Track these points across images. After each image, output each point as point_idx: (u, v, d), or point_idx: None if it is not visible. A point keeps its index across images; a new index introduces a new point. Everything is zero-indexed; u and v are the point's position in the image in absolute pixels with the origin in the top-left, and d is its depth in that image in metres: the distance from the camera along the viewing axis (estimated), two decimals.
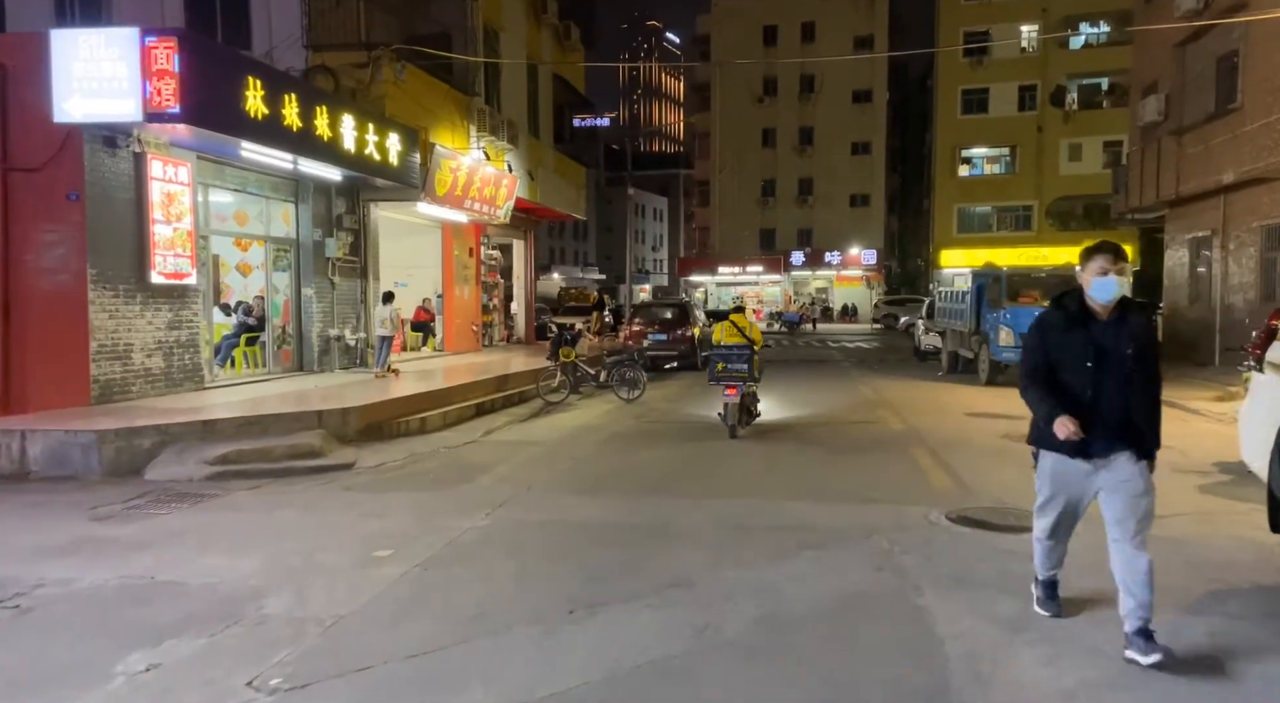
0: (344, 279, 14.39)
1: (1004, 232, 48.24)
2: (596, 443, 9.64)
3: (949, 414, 11.82)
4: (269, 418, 8.61)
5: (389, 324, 13.53)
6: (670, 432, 10.71)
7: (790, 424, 11.09)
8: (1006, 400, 13.32)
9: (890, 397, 14.02)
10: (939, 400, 13.51)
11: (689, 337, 19.90)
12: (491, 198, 17.82)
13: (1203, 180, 17.16)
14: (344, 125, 11.96)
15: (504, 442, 9.81)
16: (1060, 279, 15.87)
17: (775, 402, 13.42)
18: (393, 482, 7.55)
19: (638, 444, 9.65)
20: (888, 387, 15.71)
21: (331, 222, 13.99)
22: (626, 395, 13.36)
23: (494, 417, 11.82)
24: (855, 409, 12.48)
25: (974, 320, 16.47)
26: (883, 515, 6.12)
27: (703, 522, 6.02)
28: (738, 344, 10.15)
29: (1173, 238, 20.07)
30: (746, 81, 54.07)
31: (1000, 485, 7.10)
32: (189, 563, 5.14)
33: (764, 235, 55.44)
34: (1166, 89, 18.40)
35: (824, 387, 15.89)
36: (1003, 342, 15.17)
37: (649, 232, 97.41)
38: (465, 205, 16.65)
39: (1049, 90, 46.15)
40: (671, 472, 7.98)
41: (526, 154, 20.19)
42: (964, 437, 9.77)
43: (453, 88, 16.05)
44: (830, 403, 13.34)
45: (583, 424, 11.19)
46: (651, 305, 22.27)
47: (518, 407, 12.96)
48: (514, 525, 5.98)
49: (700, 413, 12.40)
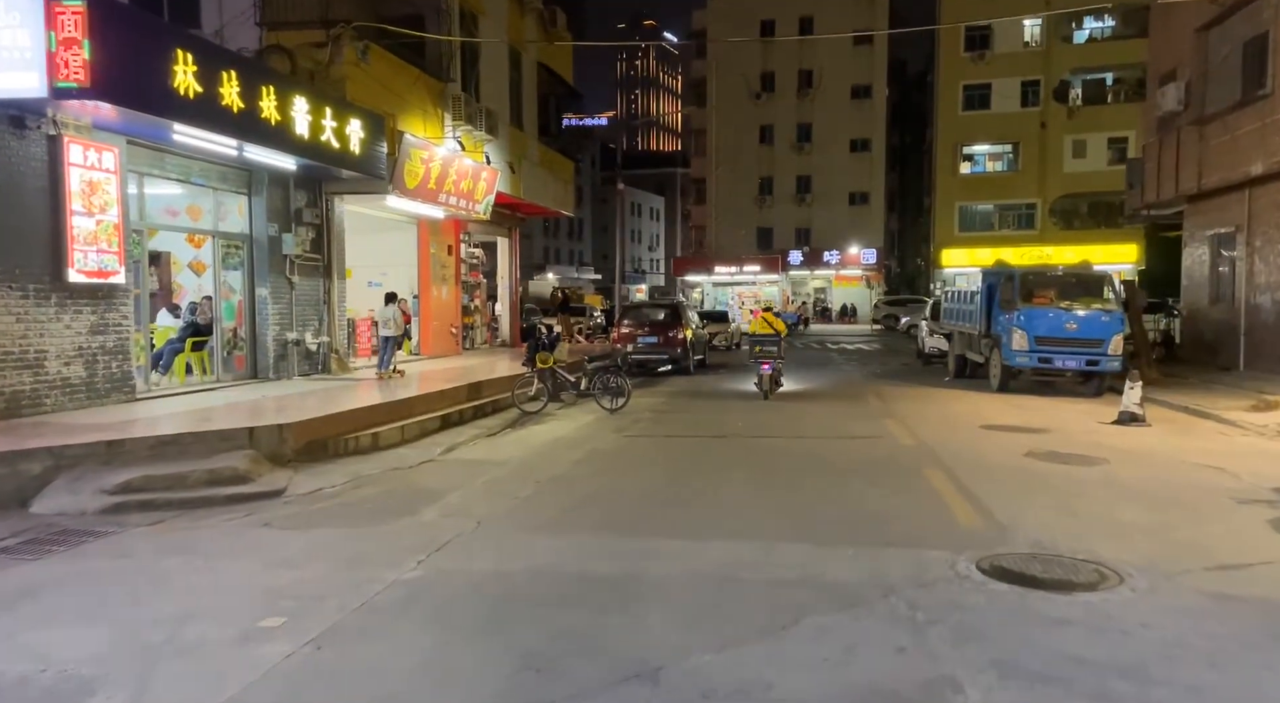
0: (304, 278, 13.28)
1: (1006, 230, 47.19)
2: (570, 462, 8.54)
3: (962, 427, 10.74)
4: (189, 437, 7.49)
5: (393, 325, 13.30)
6: (655, 447, 9.62)
7: (790, 437, 10.00)
8: (1023, 410, 12.25)
9: (897, 406, 12.94)
10: (949, 411, 12.43)
11: (681, 339, 18.80)
12: (469, 192, 16.71)
13: (1227, 173, 16.09)
14: (295, 108, 10.84)
15: (465, 461, 8.71)
16: (1078, 277, 14.81)
17: (773, 410, 12.35)
18: (322, 514, 6.44)
19: (617, 463, 8.56)
20: (893, 394, 14.62)
21: (290, 216, 12.87)
22: (610, 405, 12.26)
23: (461, 430, 10.72)
24: (861, 420, 11.39)
25: (984, 322, 15.39)
26: (900, 563, 5.03)
27: (683, 572, 4.93)
28: (769, 334, 14.24)
29: (1192, 235, 19.00)
30: (744, 77, 52.98)
31: (1036, 521, 6.01)
32: (20, 638, 4.04)
33: (761, 234, 54.36)
34: (1187, 76, 17.33)
35: (826, 394, 14.80)
36: (1016, 345, 14.09)
37: (646, 231, 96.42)
38: (440, 199, 15.54)
39: (1052, 85, 45.14)
40: (652, 499, 6.88)
41: (508, 146, 19.09)
42: (983, 455, 8.69)
43: (425, 73, 14.94)
44: (835, 412, 12.25)
45: (558, 438, 10.09)
46: (642, 306, 21.18)
47: (491, 418, 11.86)
48: (447, 579, 4.88)
49: (691, 422, 11.32)
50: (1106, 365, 13.79)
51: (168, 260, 13.11)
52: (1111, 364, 13.79)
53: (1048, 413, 12.04)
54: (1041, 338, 13.96)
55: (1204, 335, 18.29)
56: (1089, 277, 14.74)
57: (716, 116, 54.33)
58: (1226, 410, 11.56)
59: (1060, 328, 13.89)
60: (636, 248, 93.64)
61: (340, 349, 14.16)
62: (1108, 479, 7.55)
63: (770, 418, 11.69)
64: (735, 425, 11.04)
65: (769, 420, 11.46)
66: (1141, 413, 10.86)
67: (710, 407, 13.15)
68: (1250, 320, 16.36)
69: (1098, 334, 13.78)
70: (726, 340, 28.87)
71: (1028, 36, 46.01)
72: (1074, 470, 7.93)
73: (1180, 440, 9.77)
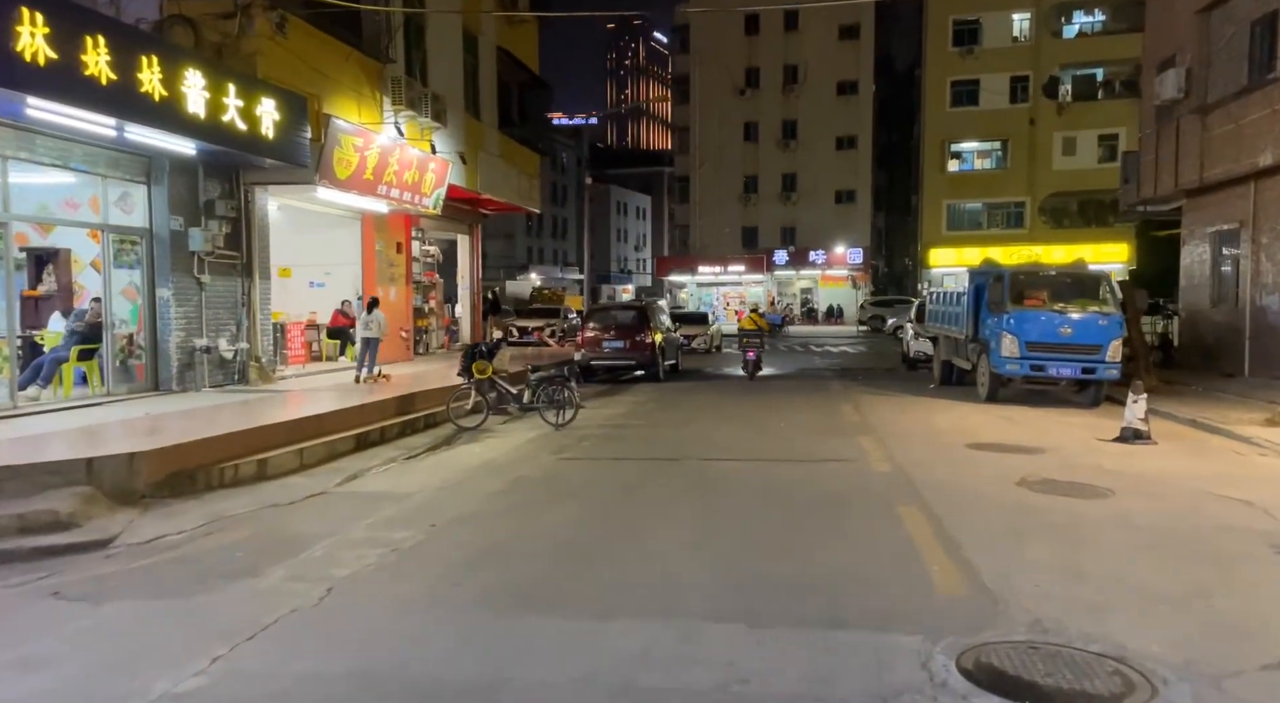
0: (218, 278, 11.93)
1: (995, 229, 46.20)
2: (485, 496, 7.25)
3: (946, 445, 9.50)
4: (5, 472, 6.15)
5: (375, 327, 13.16)
6: (594, 474, 8.34)
7: (750, 460, 8.73)
8: (1014, 425, 11.03)
9: (875, 419, 11.70)
10: (933, 424, 11.19)
11: (650, 344, 17.54)
12: (415, 184, 15.39)
13: (1232, 165, 14.94)
14: (188, 83, 9.50)
15: (362, 494, 7.40)
16: (1073, 277, 13.62)
17: (739, 425, 11.07)
18: (137, 576, 5.12)
19: (540, 497, 7.27)
20: (872, 404, 13.38)
21: (199, 208, 11.52)
22: (556, 420, 10.98)
23: (378, 451, 9.41)
24: (833, 437, 10.14)
25: (972, 325, 14.17)
26: (856, 658, 3.76)
27: (566, 678, 3.65)
28: (754, 330, 18.32)
29: (1191, 232, 17.86)
30: (728, 72, 51.77)
31: (1033, 586, 4.75)
32: None
33: (746, 233, 53.18)
34: (1187, 62, 16.17)
35: (800, 404, 13.55)
36: (1006, 351, 12.88)
37: (632, 231, 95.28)
38: (379, 192, 14.20)
39: (1042, 81, 44.12)
40: (565, 551, 5.61)
41: (463, 136, 17.77)
42: (968, 485, 7.44)
43: (359, 51, 13.60)
44: (804, 427, 10.99)
45: (485, 462, 8.79)
46: (608, 308, 19.85)
47: (419, 435, 10.55)
48: (237, 692, 3.57)
49: (644, 440, 10.03)
50: (1104, 373, 12.60)
51: (67, 258, 11.74)
52: (1109, 372, 12.60)
53: (1041, 428, 10.83)
54: (1033, 343, 12.75)
55: (1204, 339, 17.16)
56: (1084, 277, 13.54)
57: (700, 113, 53.10)
58: (1239, 425, 10.38)
59: (1054, 332, 12.69)
60: (623, 248, 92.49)
61: (263, 357, 12.82)
62: (1117, 518, 6.32)
63: (733, 435, 10.44)
64: (693, 445, 9.77)
65: (731, 438, 10.20)
66: (1146, 429, 9.66)
67: (671, 420, 11.88)
68: (1256, 323, 15.22)
69: (1094, 339, 12.58)
70: (706, 343, 27.59)
71: (1017, 31, 44.99)
72: (1076, 505, 6.70)
73: (1193, 463, 8.57)
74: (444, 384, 12.08)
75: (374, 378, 12.97)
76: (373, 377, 12.98)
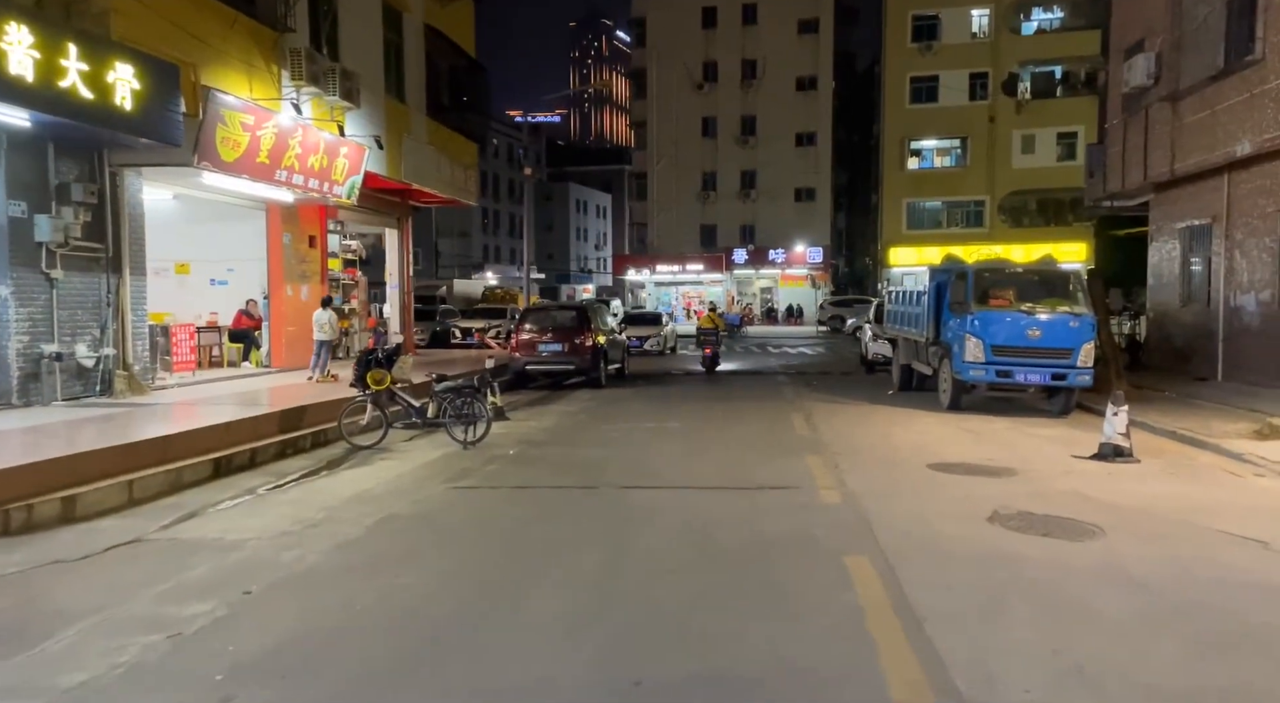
0: (74, 274, 10.30)
1: (955, 228, 45.66)
2: (337, 545, 5.81)
3: (905, 467, 8.28)
4: None
5: (328, 328, 13.43)
6: (484, 509, 6.95)
7: (679, 488, 7.42)
8: (979, 438, 9.88)
9: (828, 432, 10.48)
10: (890, 439, 10.00)
11: (590, 346, 16.19)
12: (324, 171, 13.83)
13: (1206, 155, 14.03)
14: (7, 38, 7.90)
15: (182, 542, 5.91)
16: (1041, 275, 12.55)
17: (676, 441, 9.73)
18: None
19: (408, 545, 5.87)
20: (826, 414, 12.17)
21: (48, 192, 9.90)
22: (464, 437, 9.56)
23: (240, 479, 7.91)
24: (778, 457, 8.86)
25: (933, 328, 13.07)
26: None
27: None
28: (712, 328, 19.51)
29: (1160, 228, 17.00)
30: (685, 67, 50.61)
31: (1022, 694, 3.48)
32: None
33: (705, 231, 52.10)
34: (1158, 46, 15.25)
35: (747, 414, 12.29)
36: (970, 356, 11.77)
37: (592, 229, 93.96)
38: (277, 178, 12.64)
39: (1001, 78, 43.65)
40: (411, 632, 4.22)
41: (384, 119, 16.22)
42: (931, 521, 6.21)
43: (248, 16, 12.00)
44: (747, 443, 9.71)
45: (360, 494, 7.35)
46: (544, 308, 18.38)
47: (302, 457, 9.08)
48: None
49: (562, 462, 8.63)
50: (1075, 379, 11.54)
51: None
52: (1081, 377, 11.54)
53: (1009, 442, 9.69)
54: (999, 347, 11.65)
55: (1173, 340, 16.29)
56: (1053, 274, 12.48)
57: (658, 108, 51.87)
58: (1225, 438, 9.34)
59: (1021, 335, 11.60)
60: (583, 247, 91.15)
61: (135, 365, 11.20)
62: (1111, 570, 5.11)
63: (666, 455, 9.12)
64: (617, 468, 8.43)
65: (663, 458, 8.88)
66: (1128, 445, 8.55)
67: (601, 436, 10.54)
68: (1230, 325, 14.35)
69: (1065, 342, 11.52)
70: (659, 344, 26.32)
71: (976, 27, 44.47)
72: (1059, 551, 5.49)
73: (1185, 488, 7.45)
74: (334, 396, 10.58)
75: (321, 379, 13.02)
76: (321, 377, 13.03)
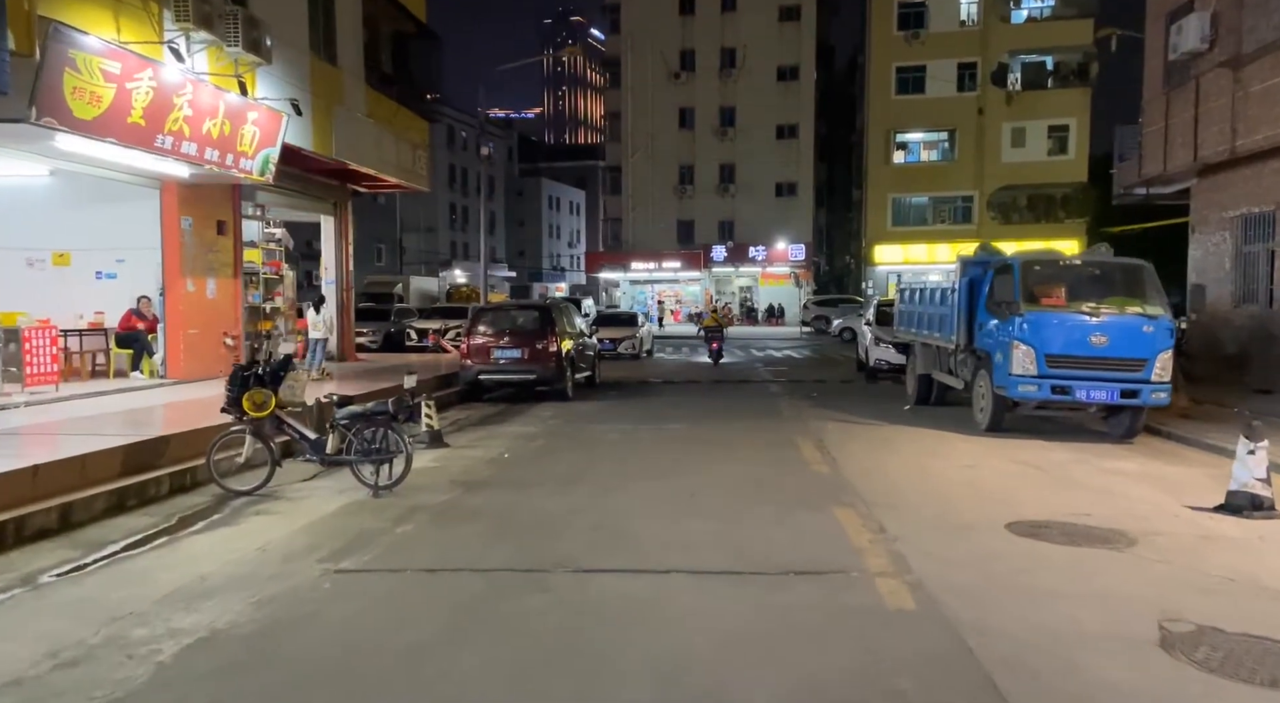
0: None
1: (941, 225, 43.85)
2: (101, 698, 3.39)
3: (976, 530, 5.98)
4: None
5: (321, 327, 13.81)
6: (371, 619, 4.47)
7: (661, 572, 5.05)
8: (1049, 477, 7.58)
9: (849, 465, 8.18)
10: (931, 475, 7.72)
11: (554, 352, 13.79)
12: (227, 139, 11.31)
13: (1277, 127, 11.97)
14: None
15: None
16: (1103, 268, 10.34)
17: (656, 482, 7.26)
18: None
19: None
20: (839, 437, 9.88)
21: None
22: (374, 479, 7.13)
23: (33, 552, 5.43)
24: (795, 511, 6.53)
25: (964, 332, 10.86)
26: None
27: None
28: (716, 325, 21.96)
29: (1204, 218, 14.96)
30: (661, 55, 48.29)
31: None
32: None
33: (682, 227, 49.79)
34: (1213, 4, 13.18)
35: (742, 438, 9.97)
36: (1018, 368, 9.54)
37: (565, 226, 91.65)
38: (159, 144, 10.11)
39: (990, 68, 41.86)
40: None
41: (308, 83, 13.69)
42: (1070, 653, 3.91)
43: None
44: (750, 486, 7.36)
45: (186, 586, 4.87)
46: (502, 309, 15.79)
47: (154, 508, 6.62)
48: None
49: (504, 521, 6.10)
50: (1149, 397, 9.35)
51: None
52: (1156, 395, 9.35)
53: (1089, 482, 7.47)
54: (1055, 357, 9.44)
55: (1224, 346, 14.25)
56: (1121, 267, 10.22)
57: (632, 98, 49.50)
58: None
59: (1083, 342, 9.40)
60: (556, 244, 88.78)
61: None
62: None
63: (644, 502, 6.74)
64: (575, 531, 6.04)
65: (641, 511, 6.50)
66: (1269, 496, 6.35)
67: (562, 470, 8.15)
68: None
69: (1137, 351, 9.33)
70: (634, 347, 23.95)
71: (964, 15, 42.64)
72: None
73: None
74: (194, 424, 8.07)
75: (316, 376, 12.88)
76: (316, 375, 12.95)
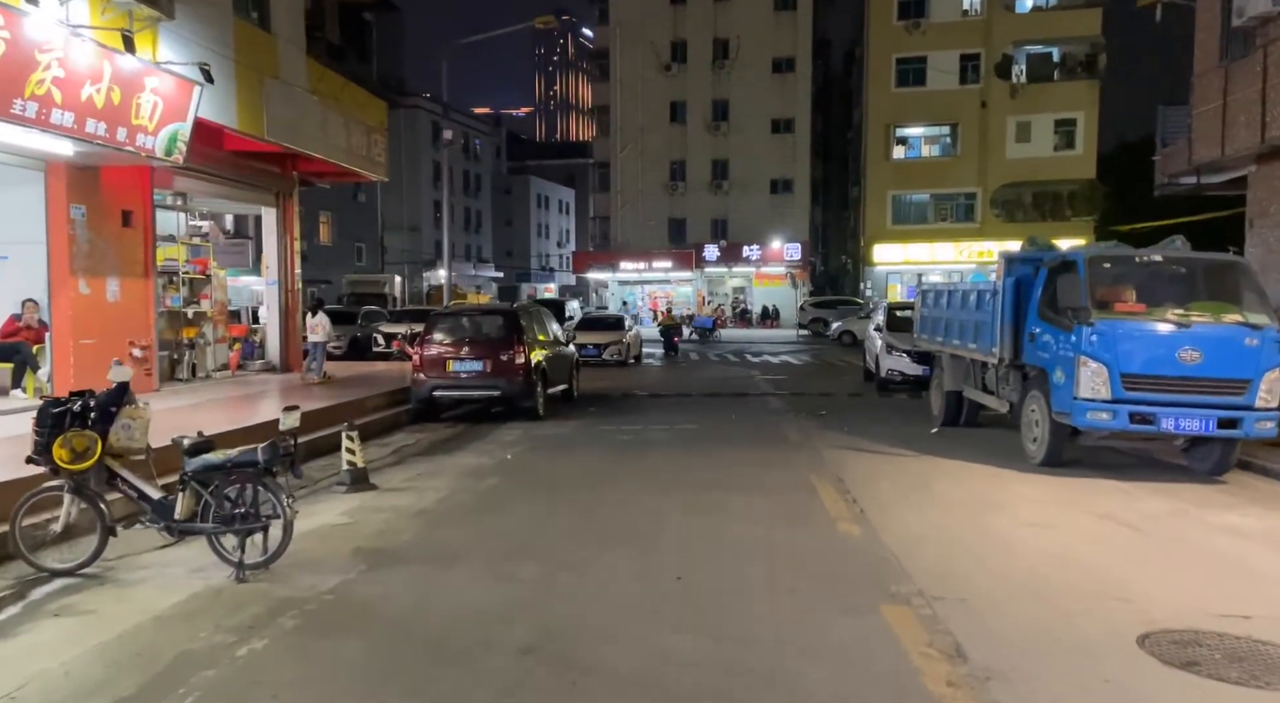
0: None
1: (943, 223, 42.10)
2: None
3: (1095, 650, 4.06)
4: None
5: (320, 331, 13.46)
6: None
7: None
8: (1156, 543, 5.49)
9: (886, 524, 6.24)
10: (998, 540, 5.79)
11: (521, 365, 11.81)
12: (116, 110, 9.27)
13: None
14: None
15: None
16: (1187, 265, 8.41)
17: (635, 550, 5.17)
18: None
19: None
20: (863, 476, 7.94)
21: None
22: (238, 555, 5.15)
23: None
24: (828, 612, 4.58)
25: (1010, 343, 8.95)
26: None
27: None
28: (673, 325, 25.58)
29: (1264, 209, 13.11)
30: (652, 46, 46.35)
31: None
32: None
33: (673, 225, 47.84)
34: None
35: (744, 476, 8.02)
36: (1088, 390, 7.62)
37: (554, 226, 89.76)
38: (15, 111, 8.09)
39: (994, 60, 40.08)
40: None
41: (233, 48, 11.66)
42: None
43: None
44: (761, 565, 5.39)
45: None
46: (461, 313, 13.67)
47: None
48: None
49: (412, 618, 3.98)
50: (1254, 428, 7.44)
51: None
52: (1263, 425, 7.45)
53: (1197, 541, 5.56)
54: (1134, 377, 7.53)
55: None
56: (1210, 264, 8.31)
57: (622, 91, 47.52)
58: None
59: (1169, 359, 7.49)
60: (545, 244, 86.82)
61: None
62: None
63: (617, 587, 4.78)
64: (515, 639, 4.07)
65: (612, 604, 4.54)
66: None
67: (512, 529, 6.18)
68: None
69: (1238, 371, 7.43)
70: (620, 353, 21.98)
71: (967, 4, 40.84)
72: None
73: None
74: None
75: (318, 380, 12.81)
76: (317, 379, 12.85)
